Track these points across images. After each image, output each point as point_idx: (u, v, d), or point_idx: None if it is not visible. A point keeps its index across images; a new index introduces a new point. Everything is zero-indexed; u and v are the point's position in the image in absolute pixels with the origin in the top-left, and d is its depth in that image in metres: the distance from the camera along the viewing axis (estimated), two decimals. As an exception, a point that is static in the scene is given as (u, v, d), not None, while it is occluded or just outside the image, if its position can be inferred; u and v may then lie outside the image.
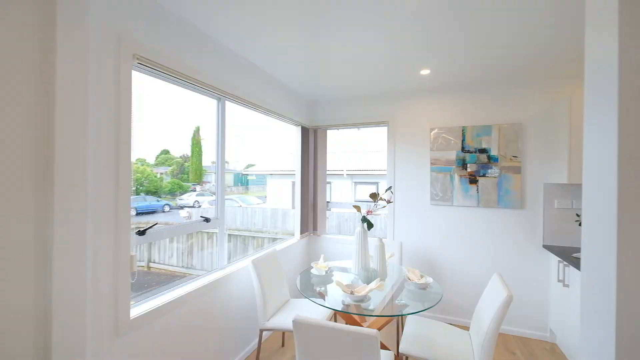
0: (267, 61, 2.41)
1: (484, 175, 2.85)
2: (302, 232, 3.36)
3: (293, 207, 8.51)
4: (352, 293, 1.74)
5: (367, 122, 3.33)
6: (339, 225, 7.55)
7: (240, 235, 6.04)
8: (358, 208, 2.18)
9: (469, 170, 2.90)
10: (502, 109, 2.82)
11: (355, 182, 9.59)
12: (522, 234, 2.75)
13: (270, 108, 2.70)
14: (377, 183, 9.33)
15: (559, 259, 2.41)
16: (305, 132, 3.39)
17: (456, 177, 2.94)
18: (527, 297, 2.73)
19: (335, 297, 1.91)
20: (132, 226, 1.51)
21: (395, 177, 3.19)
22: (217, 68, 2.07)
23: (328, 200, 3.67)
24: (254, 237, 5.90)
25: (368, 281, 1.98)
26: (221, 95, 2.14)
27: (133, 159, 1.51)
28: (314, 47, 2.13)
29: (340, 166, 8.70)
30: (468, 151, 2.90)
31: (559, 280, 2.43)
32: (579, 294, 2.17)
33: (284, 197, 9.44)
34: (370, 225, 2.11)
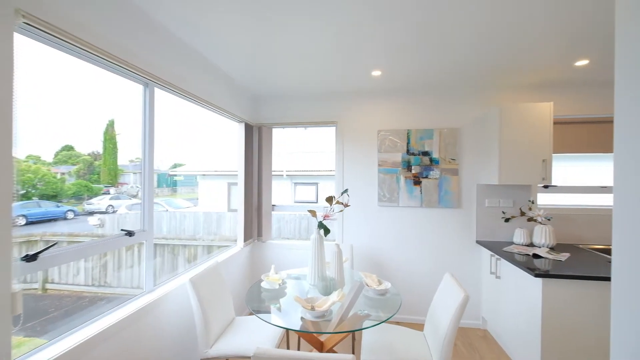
0: (208, 46, 2.08)
1: (426, 177, 2.98)
2: (246, 238, 3.06)
3: (232, 210, 7.93)
4: (313, 309, 1.57)
5: (316, 122, 3.20)
6: (279, 229, 7.31)
7: (168, 245, 5.31)
8: (313, 213, 2.03)
9: (413, 172, 3.00)
10: (443, 114, 2.99)
11: (295, 183, 9.45)
12: (459, 232, 2.96)
13: (210, 100, 2.35)
14: (316, 184, 9.34)
15: (491, 253, 2.65)
16: (249, 129, 3.09)
17: (402, 179, 3.02)
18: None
19: (292, 313, 1.72)
20: (19, 240, 1.08)
21: (344, 179, 3.13)
22: (146, 47, 1.68)
23: (274, 203, 3.43)
24: (185, 246, 5.25)
25: (327, 292, 1.84)
26: (150, 79, 1.75)
27: (19, 154, 1.08)
28: (260, 35, 1.90)
29: (280, 166, 8.46)
30: (413, 153, 3.01)
31: (491, 273, 2.67)
32: (508, 284, 2.39)
33: (219, 199, 8.76)
34: (327, 231, 1.98)
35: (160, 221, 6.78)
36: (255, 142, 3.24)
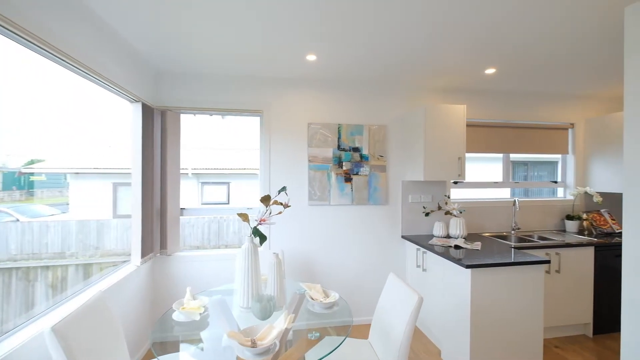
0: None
1: (357, 174, 2.90)
2: (144, 252, 2.36)
3: (121, 216, 6.45)
4: (254, 344, 1.19)
5: (237, 109, 2.73)
6: (183, 236, 6.32)
7: (17, 268, 3.76)
8: (245, 217, 1.62)
9: (344, 168, 2.88)
10: (372, 110, 2.95)
11: (202, 183, 8.42)
12: (387, 228, 2.98)
13: (87, 63, 1.66)
14: (228, 183, 8.55)
15: (418, 247, 2.74)
16: (148, 113, 2.40)
17: (333, 176, 2.86)
18: (391, 284, 2.98)
19: (222, 353, 1.30)
20: None
21: (270, 176, 2.77)
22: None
23: (182, 206, 2.80)
24: (47, 268, 3.85)
25: (265, 315, 1.47)
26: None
27: None
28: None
29: (184, 163, 7.33)
30: (344, 149, 2.88)
31: (417, 266, 2.76)
32: (435, 276, 2.49)
33: (100, 203, 7.02)
34: (263, 239, 1.61)
35: (6, 235, 5.00)
36: (158, 130, 2.56)
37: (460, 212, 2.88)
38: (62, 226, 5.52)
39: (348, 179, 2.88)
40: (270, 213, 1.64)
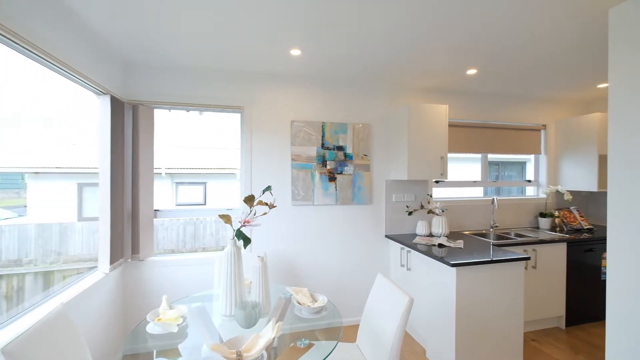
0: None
1: (341, 173, 2.85)
2: (114, 258, 2.18)
3: (87, 219, 6.02)
4: (239, 357, 1.10)
5: (217, 105, 2.60)
6: (157, 240, 6.01)
7: None
8: (227, 218, 1.52)
9: (328, 167, 2.82)
10: (356, 109, 2.92)
11: (176, 183, 8.06)
12: (372, 227, 2.96)
13: (46, 49, 1.48)
14: (204, 184, 8.25)
15: (402, 246, 2.73)
16: (118, 107, 2.21)
17: (317, 175, 2.79)
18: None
19: (205, 365, 1.19)
20: None
21: (252, 175, 2.66)
22: None
23: (156, 207, 2.63)
24: (1, 277, 3.48)
25: (250, 323, 1.38)
26: None
27: None
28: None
29: (158, 162, 6.97)
30: (328, 148, 2.82)
31: (401, 265, 2.76)
32: (420, 275, 2.49)
33: (64, 205, 6.51)
34: (247, 242, 1.51)
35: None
36: (129, 125, 2.37)
37: (442, 211, 2.91)
38: (19, 230, 5.07)
39: (332, 179, 2.83)
40: (254, 214, 1.55)
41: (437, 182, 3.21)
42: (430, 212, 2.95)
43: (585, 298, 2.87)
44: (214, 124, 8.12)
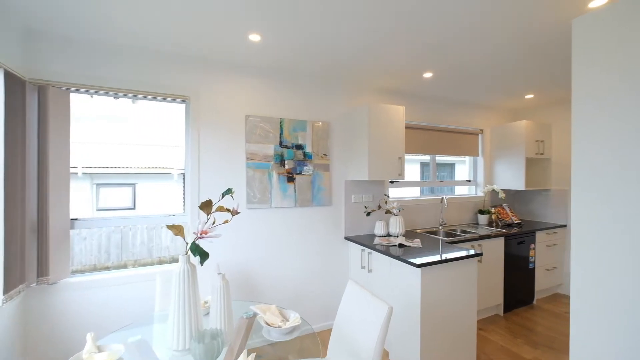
0: None
1: (300, 173, 2.68)
2: (9, 286, 1.65)
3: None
4: (206, 407, 0.86)
5: (155, 93, 2.20)
6: (72, 255, 5.02)
7: None
8: (178, 229, 1.23)
9: (287, 167, 2.62)
10: (316, 106, 2.78)
11: (97, 185, 6.91)
12: (331, 229, 2.86)
13: None
14: (133, 185, 7.24)
15: (363, 247, 2.68)
16: (16, 86, 1.69)
17: (274, 175, 2.57)
18: (335, 287, 2.87)
19: None
20: None
21: (200, 176, 2.32)
22: None
23: (73, 216, 2.11)
24: None
25: (212, 358, 1.13)
26: None
27: None
28: None
29: (73, 159, 5.85)
30: (286, 146, 2.62)
31: (362, 267, 2.71)
32: (381, 277, 2.46)
33: None
34: (204, 257, 1.24)
35: None
36: (34, 112, 1.84)
37: (399, 211, 2.96)
38: None
39: (291, 179, 2.64)
40: (213, 223, 1.29)
41: (392, 182, 3.26)
42: (388, 212, 2.96)
43: (518, 285, 3.20)
44: (148, 115, 7.17)
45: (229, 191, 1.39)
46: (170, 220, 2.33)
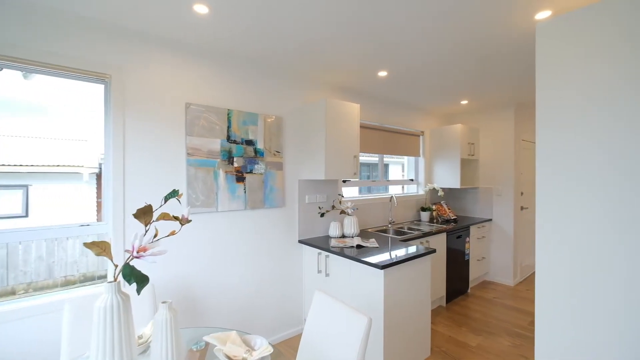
0: None
1: (251, 172, 2.41)
2: None
3: None
4: None
5: (62, 67, 1.68)
6: None
7: None
8: (103, 247, 0.89)
9: (236, 165, 2.32)
10: (268, 98, 2.53)
11: (-31, 185, 5.37)
12: (284, 233, 2.64)
13: None
14: (25, 187, 5.82)
15: (319, 250, 2.54)
16: None
17: (221, 174, 2.25)
18: (289, 295, 2.66)
19: None
20: None
21: (125, 175, 1.88)
22: None
23: None
24: None
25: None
26: None
27: None
28: None
29: None
30: (235, 141, 2.32)
31: (319, 272, 2.56)
32: (340, 281, 2.35)
33: None
34: (142, 283, 0.93)
35: None
36: None
37: (353, 211, 2.90)
38: None
39: (240, 179, 2.35)
40: (155, 236, 0.98)
41: (344, 181, 3.20)
42: (342, 212, 2.88)
43: (457, 277, 3.45)
44: (48, 98, 5.82)
45: (174, 194, 1.09)
46: (83, 232, 1.83)
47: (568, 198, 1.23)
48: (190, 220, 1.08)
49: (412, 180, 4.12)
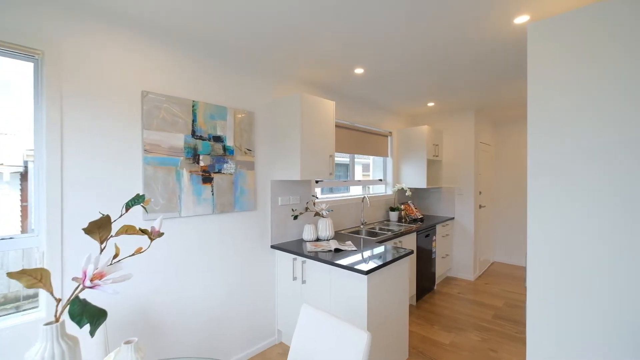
0: None
1: (219, 172, 2.16)
2: None
3: None
4: None
5: (-30, 34, 1.30)
6: None
7: None
8: (39, 277, 0.64)
9: (202, 164, 2.06)
10: (238, 91, 2.29)
11: None
12: (256, 238, 2.43)
13: None
14: None
15: (294, 256, 2.38)
16: None
17: (185, 174, 1.97)
18: (261, 305, 2.46)
19: None
20: None
21: (63, 175, 1.53)
22: None
23: None
24: None
25: None
26: None
27: None
28: None
29: None
30: (201, 137, 2.05)
31: (294, 279, 2.40)
32: (318, 287, 2.22)
33: None
34: (98, 320, 0.69)
35: None
36: None
37: (328, 212, 2.78)
38: None
39: (208, 179, 2.09)
40: (115, 257, 0.75)
41: (317, 182, 3.07)
42: (317, 214, 2.75)
43: (425, 275, 3.53)
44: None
45: (139, 199, 0.86)
46: (4, 247, 1.45)
47: (558, 198, 1.25)
48: (163, 234, 0.86)
49: (380, 180, 4.13)
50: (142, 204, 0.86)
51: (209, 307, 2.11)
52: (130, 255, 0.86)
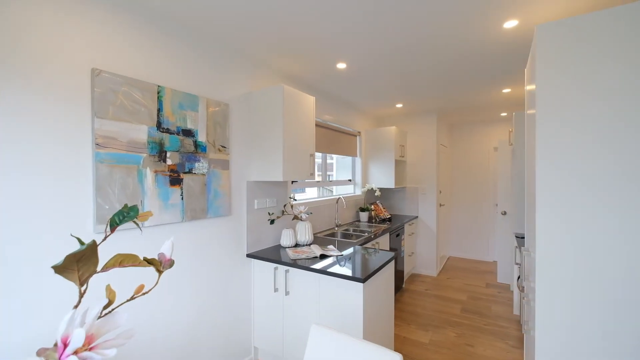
0: None
1: (190, 172, 1.83)
2: None
3: None
4: None
5: None
6: None
7: None
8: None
9: (169, 162, 1.72)
10: (212, 79, 1.98)
11: None
12: (231, 247, 2.14)
13: None
14: None
15: (276, 265, 2.15)
16: None
17: (149, 174, 1.62)
18: (236, 321, 2.18)
19: None
20: None
21: (-23, 176, 1.11)
22: None
23: None
24: None
25: None
26: None
27: None
28: None
29: None
30: (168, 130, 1.71)
31: (275, 290, 2.17)
32: (302, 299, 2.04)
33: None
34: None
35: None
36: None
37: (307, 215, 2.60)
38: None
39: (176, 181, 1.75)
40: (108, 305, 0.49)
41: (292, 182, 2.86)
42: (295, 217, 2.55)
43: (396, 274, 3.56)
44: None
45: (132, 213, 0.59)
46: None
47: (569, 193, 1.27)
48: (174, 262, 0.61)
49: (350, 180, 4.08)
50: (135, 219, 0.59)
51: (179, 326, 1.78)
52: (129, 300, 0.58)
